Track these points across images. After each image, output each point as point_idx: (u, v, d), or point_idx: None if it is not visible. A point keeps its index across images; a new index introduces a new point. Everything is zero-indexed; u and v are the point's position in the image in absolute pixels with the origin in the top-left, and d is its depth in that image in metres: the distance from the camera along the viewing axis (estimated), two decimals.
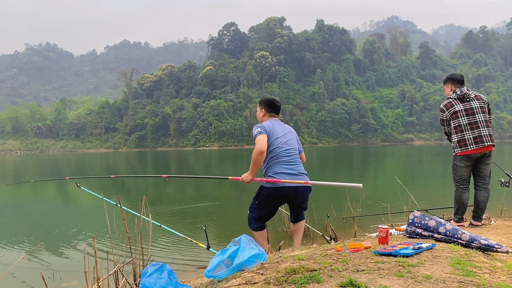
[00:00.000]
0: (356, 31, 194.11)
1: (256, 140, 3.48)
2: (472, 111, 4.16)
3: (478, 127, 4.12)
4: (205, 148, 72.70)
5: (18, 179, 20.84)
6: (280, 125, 3.73)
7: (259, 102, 3.89)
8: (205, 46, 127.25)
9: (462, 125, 4.16)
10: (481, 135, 4.11)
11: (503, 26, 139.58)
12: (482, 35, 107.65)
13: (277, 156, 3.54)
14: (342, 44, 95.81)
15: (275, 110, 3.82)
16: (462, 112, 4.17)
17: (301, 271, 2.14)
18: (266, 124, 3.65)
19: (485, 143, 4.10)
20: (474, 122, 4.13)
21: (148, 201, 3.93)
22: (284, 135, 3.65)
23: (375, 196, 9.14)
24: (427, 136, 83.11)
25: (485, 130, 4.13)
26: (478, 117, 4.14)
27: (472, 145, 4.11)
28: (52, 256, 5.30)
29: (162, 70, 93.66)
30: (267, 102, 3.83)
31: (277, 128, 3.65)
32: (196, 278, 3.34)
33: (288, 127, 3.81)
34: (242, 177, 3.64)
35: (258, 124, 3.70)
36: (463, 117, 4.17)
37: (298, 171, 3.56)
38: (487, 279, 2.03)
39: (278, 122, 3.74)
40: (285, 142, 3.61)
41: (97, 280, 2.81)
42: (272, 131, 3.59)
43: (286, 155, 3.56)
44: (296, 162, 3.61)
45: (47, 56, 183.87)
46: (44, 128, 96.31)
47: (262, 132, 3.53)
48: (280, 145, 3.56)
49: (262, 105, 3.83)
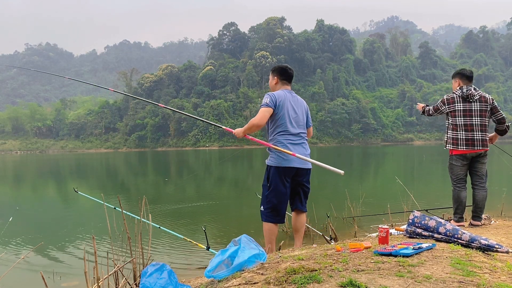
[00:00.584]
0: (356, 31, 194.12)
1: (260, 111, 3.45)
2: (470, 113, 4.18)
3: (472, 130, 4.17)
4: (205, 148, 72.72)
5: (19, 179, 20.85)
6: (293, 97, 3.62)
7: (272, 70, 3.77)
8: (205, 46, 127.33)
9: (458, 125, 4.22)
10: (473, 138, 4.16)
11: (503, 26, 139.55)
12: (482, 35, 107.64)
13: (284, 132, 3.51)
14: (342, 44, 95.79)
15: (287, 78, 3.70)
16: (461, 113, 4.21)
17: (301, 271, 2.14)
18: (278, 94, 3.54)
19: (475, 147, 4.17)
20: (470, 124, 4.17)
21: (148, 201, 3.93)
22: (295, 110, 3.57)
23: (375, 196, 9.15)
24: (427, 136, 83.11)
25: (478, 134, 4.17)
26: (475, 120, 4.18)
27: (463, 146, 4.19)
28: (52, 256, 5.30)
29: (162, 70, 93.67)
30: (280, 69, 3.70)
31: (289, 101, 3.55)
32: (196, 278, 3.34)
33: (300, 100, 3.71)
34: (235, 130, 3.64)
35: (271, 92, 3.59)
36: (460, 118, 4.21)
37: (300, 152, 3.51)
38: (487, 279, 2.03)
39: (291, 94, 3.63)
40: (294, 118, 3.55)
41: (97, 280, 2.81)
42: (282, 103, 3.50)
43: (292, 133, 3.52)
44: (300, 141, 3.57)
45: (47, 56, 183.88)
46: (44, 128, 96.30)
47: (269, 105, 3.45)
48: (288, 121, 3.50)
49: (275, 73, 3.70)
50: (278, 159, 3.49)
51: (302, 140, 3.60)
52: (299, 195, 3.66)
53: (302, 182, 3.63)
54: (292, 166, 3.49)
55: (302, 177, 3.60)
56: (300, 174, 3.57)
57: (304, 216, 3.76)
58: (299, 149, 3.53)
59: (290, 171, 3.50)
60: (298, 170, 3.53)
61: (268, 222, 3.53)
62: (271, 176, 3.52)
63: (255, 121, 3.44)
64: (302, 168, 3.55)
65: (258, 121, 3.43)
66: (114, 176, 21.98)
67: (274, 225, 3.55)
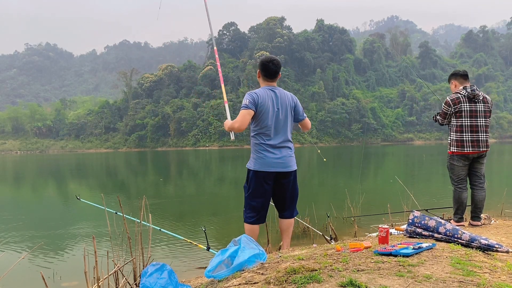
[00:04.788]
0: (356, 30, 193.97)
1: (240, 114, 3.22)
2: (476, 113, 4.18)
3: (478, 131, 4.17)
4: (205, 148, 72.71)
5: (19, 179, 20.84)
6: (275, 95, 3.32)
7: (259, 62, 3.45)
8: (205, 46, 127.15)
9: (463, 126, 4.19)
10: (479, 139, 4.17)
11: (503, 26, 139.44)
12: (482, 34, 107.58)
13: (264, 133, 3.31)
14: (342, 44, 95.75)
15: (268, 75, 3.35)
16: (467, 113, 4.18)
17: (301, 271, 2.14)
18: (259, 94, 3.28)
19: (481, 148, 4.18)
20: (476, 125, 4.17)
21: (148, 201, 3.93)
22: (276, 114, 3.29)
23: (375, 196, 9.15)
24: (427, 136, 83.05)
25: (483, 135, 4.19)
26: (480, 121, 4.18)
27: (469, 147, 4.18)
28: (52, 256, 5.30)
29: (162, 70, 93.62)
30: (262, 64, 3.36)
31: (270, 103, 3.28)
32: (196, 278, 3.34)
33: (284, 96, 3.36)
34: (225, 122, 3.44)
35: (252, 92, 3.31)
36: (466, 118, 4.18)
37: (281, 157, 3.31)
38: (487, 278, 2.03)
39: (273, 93, 3.32)
40: (276, 118, 3.29)
41: (97, 280, 2.81)
42: (262, 106, 3.25)
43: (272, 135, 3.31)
44: (281, 144, 3.32)
45: (47, 56, 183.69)
46: (44, 128, 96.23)
47: (249, 107, 3.19)
48: (269, 122, 3.29)
49: (259, 67, 3.41)
50: (257, 163, 3.32)
51: (283, 143, 3.36)
52: (284, 200, 3.45)
53: (287, 185, 3.40)
54: (271, 171, 3.30)
55: (285, 180, 3.38)
56: (283, 177, 3.37)
57: (291, 220, 3.53)
58: (280, 151, 3.32)
59: (269, 175, 3.32)
60: (279, 174, 3.34)
61: (248, 223, 3.41)
62: (250, 179, 3.37)
63: (236, 125, 3.22)
64: (284, 172, 3.34)
65: (239, 125, 3.20)
66: (114, 175, 21.98)
67: (254, 226, 3.40)
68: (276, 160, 3.31)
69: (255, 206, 3.37)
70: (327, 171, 19.41)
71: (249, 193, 3.40)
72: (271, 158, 3.30)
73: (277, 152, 3.33)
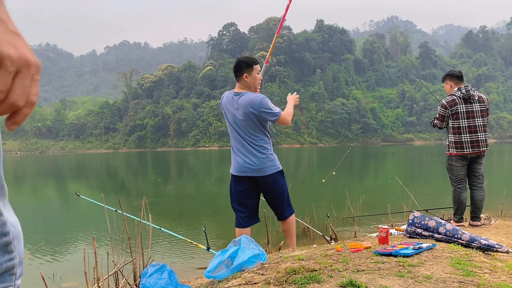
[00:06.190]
0: (356, 31, 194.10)
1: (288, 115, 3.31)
2: (473, 114, 4.19)
3: (476, 131, 4.18)
4: (205, 149, 72.70)
5: (19, 179, 20.84)
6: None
7: None
8: (205, 46, 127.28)
9: (461, 127, 4.20)
10: (478, 139, 4.18)
11: (503, 26, 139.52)
12: (482, 35, 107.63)
13: (231, 137, 3.33)
14: (342, 44, 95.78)
15: (235, 75, 3.25)
16: (464, 114, 4.19)
17: (301, 271, 2.14)
18: (223, 97, 3.34)
19: (480, 148, 4.19)
20: (473, 126, 4.18)
21: (147, 201, 3.93)
22: (234, 119, 3.20)
23: (375, 196, 9.15)
24: (427, 136, 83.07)
25: (482, 135, 4.20)
26: (477, 121, 4.19)
27: (468, 148, 4.19)
28: (52, 256, 5.30)
29: (162, 70, 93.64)
30: (234, 64, 3.26)
31: (228, 104, 3.24)
32: (196, 278, 3.33)
33: (242, 100, 3.15)
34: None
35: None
36: (463, 119, 4.19)
37: (239, 160, 3.26)
38: (488, 279, 2.03)
39: (231, 95, 3.26)
40: (234, 123, 3.22)
41: (97, 280, 2.81)
42: (224, 111, 3.30)
43: (233, 139, 3.31)
44: (238, 148, 3.26)
45: (47, 56, 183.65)
46: (44, 129, 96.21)
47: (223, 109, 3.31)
48: (229, 126, 3.31)
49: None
50: (231, 167, 3.36)
51: (241, 148, 3.24)
52: (272, 205, 3.42)
53: (265, 190, 3.33)
54: (238, 175, 3.28)
55: (262, 184, 3.30)
56: (258, 182, 3.29)
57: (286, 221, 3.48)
58: (238, 156, 3.27)
59: (241, 179, 3.30)
60: (252, 178, 3.26)
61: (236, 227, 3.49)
62: (230, 182, 3.42)
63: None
64: (256, 177, 3.25)
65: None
66: (114, 176, 21.98)
67: (239, 229, 3.42)
68: (239, 168, 3.30)
69: (236, 208, 3.44)
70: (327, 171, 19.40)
71: (230, 196, 3.48)
72: (236, 167, 3.32)
73: (236, 156, 3.34)
